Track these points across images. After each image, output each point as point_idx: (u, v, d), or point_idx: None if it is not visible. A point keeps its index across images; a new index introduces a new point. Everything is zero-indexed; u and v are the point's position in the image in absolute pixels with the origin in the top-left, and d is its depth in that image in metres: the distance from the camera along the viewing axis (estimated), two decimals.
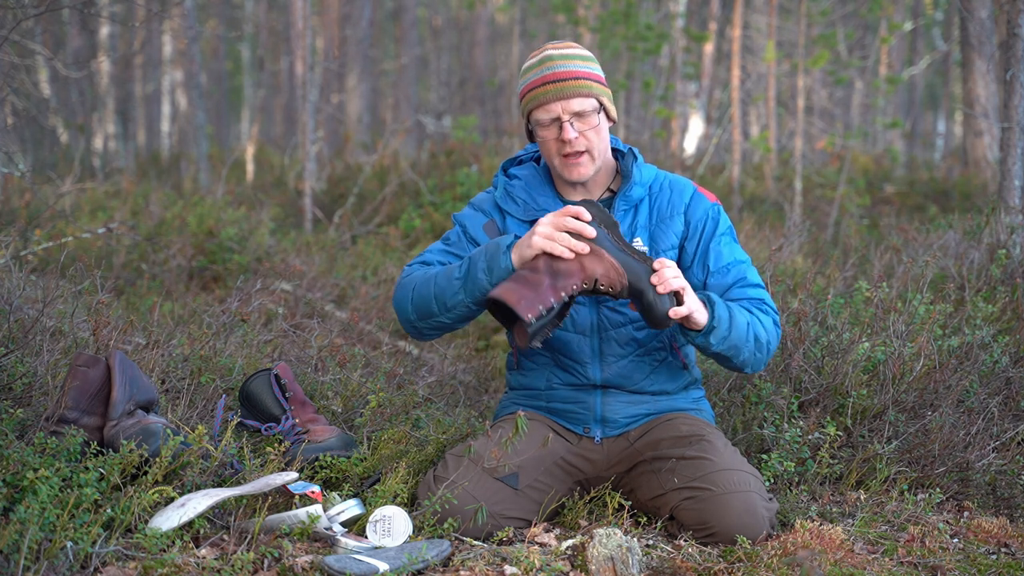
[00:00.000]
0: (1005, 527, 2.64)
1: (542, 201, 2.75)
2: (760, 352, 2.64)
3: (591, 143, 2.66)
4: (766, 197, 9.23)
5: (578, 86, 2.64)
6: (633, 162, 2.75)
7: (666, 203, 2.75)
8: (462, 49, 20.28)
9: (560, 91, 2.63)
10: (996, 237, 4.32)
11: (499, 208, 2.80)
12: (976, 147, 8.15)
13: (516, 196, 2.77)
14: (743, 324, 2.58)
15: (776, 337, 2.70)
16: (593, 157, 2.68)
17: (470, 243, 2.79)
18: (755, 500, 2.49)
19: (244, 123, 23.50)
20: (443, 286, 2.59)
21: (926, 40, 20.92)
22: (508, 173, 2.84)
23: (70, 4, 5.30)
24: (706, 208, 2.75)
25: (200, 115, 10.00)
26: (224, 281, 5.51)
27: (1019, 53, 4.43)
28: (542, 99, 2.64)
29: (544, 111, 2.65)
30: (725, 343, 2.56)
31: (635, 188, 2.73)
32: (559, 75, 2.64)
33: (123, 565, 2.13)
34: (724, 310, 2.55)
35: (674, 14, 12.74)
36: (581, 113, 2.64)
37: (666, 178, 2.79)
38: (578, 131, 2.64)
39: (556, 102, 2.63)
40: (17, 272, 3.73)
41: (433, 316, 2.64)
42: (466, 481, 2.56)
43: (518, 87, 2.76)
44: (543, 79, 2.65)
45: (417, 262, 2.78)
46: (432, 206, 7.13)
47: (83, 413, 2.57)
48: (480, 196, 2.86)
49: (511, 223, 2.77)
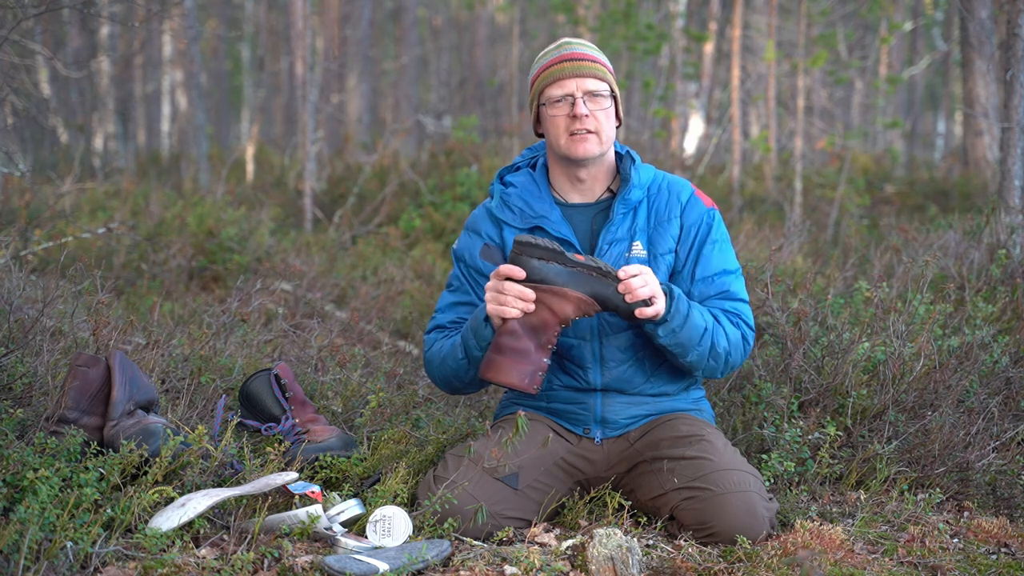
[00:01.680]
0: (1005, 527, 2.64)
1: (538, 207, 2.74)
2: (715, 361, 2.66)
3: (600, 125, 2.67)
4: (766, 197, 9.23)
5: (595, 67, 2.68)
6: (631, 164, 2.75)
7: (664, 205, 2.75)
8: (462, 49, 20.28)
9: (576, 68, 2.66)
10: (996, 237, 4.32)
11: (495, 220, 2.79)
12: (976, 147, 8.14)
13: (512, 204, 2.77)
14: (699, 327, 2.59)
15: (741, 353, 2.70)
16: (601, 140, 2.68)
17: (474, 278, 2.80)
18: (755, 500, 2.49)
19: (244, 123, 23.50)
20: (453, 368, 2.69)
21: (926, 40, 20.91)
22: (504, 181, 2.84)
23: (70, 4, 5.30)
24: (701, 213, 2.75)
25: (200, 115, 10.00)
26: (224, 281, 5.51)
27: (1019, 53, 4.43)
28: (558, 75, 2.67)
29: (558, 86, 2.67)
30: (673, 338, 2.57)
31: (633, 191, 2.72)
32: (577, 55, 2.69)
33: (123, 565, 2.13)
34: (683, 307, 2.57)
35: (674, 14, 12.74)
36: (594, 92, 2.66)
37: (664, 179, 2.79)
38: (589, 110, 2.65)
39: (572, 79, 2.65)
40: (17, 272, 3.73)
41: (462, 389, 2.76)
42: (466, 481, 2.56)
43: (532, 71, 2.77)
44: (560, 57, 2.69)
45: (433, 328, 2.82)
46: (432, 206, 7.13)
47: (83, 413, 2.57)
48: (474, 213, 2.86)
49: (508, 234, 2.76)
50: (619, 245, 2.69)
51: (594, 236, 2.73)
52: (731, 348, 2.66)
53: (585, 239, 2.73)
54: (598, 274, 2.51)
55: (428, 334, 2.82)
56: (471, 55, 18.27)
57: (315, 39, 13.58)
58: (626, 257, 2.68)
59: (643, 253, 2.70)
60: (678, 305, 2.55)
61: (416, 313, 5.04)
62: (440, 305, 2.83)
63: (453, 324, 2.79)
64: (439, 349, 2.74)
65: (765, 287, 3.44)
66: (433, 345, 2.78)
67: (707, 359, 2.64)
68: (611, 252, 2.69)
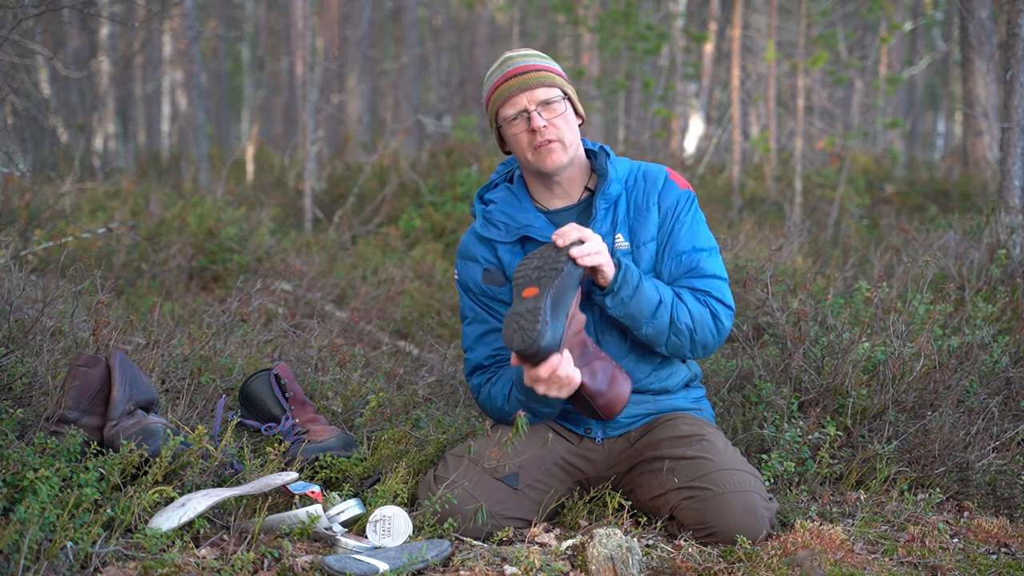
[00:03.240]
0: (1005, 527, 2.64)
1: (521, 217, 2.74)
2: (678, 337, 2.63)
3: (560, 131, 2.66)
4: (766, 197, 9.23)
5: (540, 76, 2.67)
6: (607, 159, 2.75)
7: (642, 195, 2.74)
8: (462, 49, 20.28)
9: (523, 83, 2.66)
10: (996, 237, 4.32)
11: (484, 241, 2.78)
12: (976, 147, 8.14)
13: (496, 220, 2.76)
14: (652, 300, 2.59)
15: (712, 331, 2.67)
16: (565, 145, 2.67)
17: (486, 303, 2.78)
18: (755, 500, 2.49)
19: (244, 123, 23.51)
20: (513, 411, 2.62)
21: (926, 40, 20.92)
22: (484, 200, 2.84)
23: (70, 4, 5.30)
24: (676, 195, 2.75)
25: (200, 115, 10.00)
26: (224, 281, 5.52)
27: (1019, 53, 4.43)
28: (507, 94, 2.67)
29: (510, 105, 2.66)
30: (623, 308, 2.57)
31: (612, 185, 2.72)
32: (520, 69, 2.68)
33: (123, 565, 2.13)
34: (632, 278, 2.56)
35: (674, 14, 12.74)
36: (547, 102, 2.65)
37: (639, 168, 2.78)
38: (546, 120, 2.65)
39: (520, 94, 2.65)
40: (17, 272, 3.73)
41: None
42: (466, 481, 2.56)
43: (483, 95, 2.78)
44: (505, 76, 2.69)
45: (474, 371, 2.79)
46: (432, 206, 7.13)
47: (83, 413, 2.57)
48: (463, 241, 2.83)
49: (502, 250, 2.75)
50: (605, 240, 2.69)
51: None
52: (695, 325, 2.63)
53: None
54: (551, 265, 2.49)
55: (470, 377, 2.80)
56: (471, 55, 18.27)
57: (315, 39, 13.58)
58: (611, 251, 2.68)
59: (625, 245, 2.70)
60: (626, 276, 2.55)
61: (416, 313, 5.04)
62: (467, 343, 2.80)
63: (491, 359, 2.76)
64: (496, 396, 2.71)
65: (765, 287, 3.43)
66: (480, 392, 2.76)
67: (667, 334, 2.62)
68: None
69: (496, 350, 2.76)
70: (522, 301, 2.43)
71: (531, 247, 2.71)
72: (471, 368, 2.79)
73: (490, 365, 2.76)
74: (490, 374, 2.75)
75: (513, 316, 2.42)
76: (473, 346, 2.79)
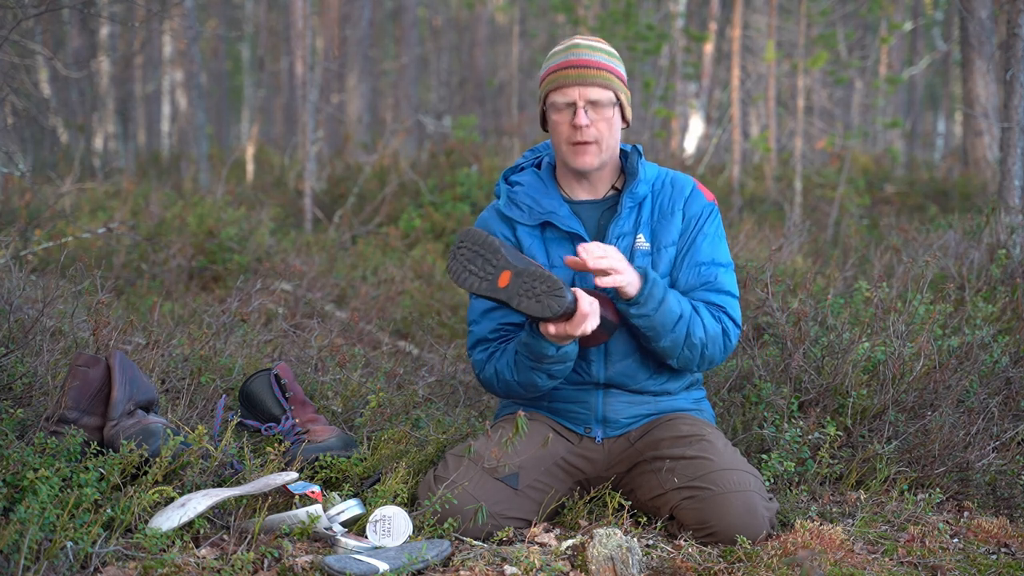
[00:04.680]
0: (1005, 527, 2.64)
1: (546, 203, 2.75)
2: (690, 351, 2.64)
3: (601, 135, 2.67)
4: (766, 197, 9.23)
5: (599, 75, 2.65)
6: (638, 159, 2.76)
7: (667, 200, 2.76)
8: (462, 49, 20.28)
9: (580, 76, 2.64)
10: (996, 237, 4.32)
11: (505, 219, 2.79)
12: (976, 147, 8.14)
13: (520, 202, 2.77)
14: (674, 313, 2.59)
15: (721, 348, 2.69)
16: (601, 149, 2.68)
17: None
18: (755, 500, 2.49)
19: (244, 123, 23.50)
20: (524, 381, 2.65)
21: (926, 40, 20.91)
22: (509, 181, 2.84)
23: (70, 4, 5.30)
24: (702, 205, 2.76)
25: (200, 115, 10.00)
26: (224, 281, 5.51)
27: (1019, 53, 4.43)
28: (561, 82, 2.65)
29: (561, 94, 2.66)
30: (645, 320, 2.57)
31: (640, 185, 2.74)
32: (583, 62, 2.66)
33: (123, 565, 2.13)
34: (659, 291, 2.57)
35: (674, 14, 12.73)
36: (597, 102, 2.65)
37: (668, 175, 2.80)
38: (591, 120, 2.64)
39: (575, 87, 2.64)
40: (17, 272, 3.73)
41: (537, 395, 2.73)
42: (466, 481, 2.56)
43: (541, 70, 2.77)
44: (567, 63, 2.67)
45: (476, 344, 2.78)
46: (432, 206, 7.13)
47: (83, 413, 2.57)
48: (483, 217, 2.84)
49: (521, 231, 2.76)
50: (625, 239, 2.71)
51: (601, 231, 2.74)
52: (708, 340, 2.65)
53: (592, 234, 2.75)
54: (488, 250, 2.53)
55: (472, 351, 2.79)
56: (471, 55, 18.27)
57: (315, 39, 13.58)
58: (631, 250, 2.69)
59: (646, 246, 2.71)
60: (652, 290, 2.55)
61: (416, 313, 5.04)
62: (472, 316, 2.80)
63: (495, 333, 2.76)
64: (503, 369, 2.70)
65: (765, 287, 3.43)
66: (484, 369, 2.75)
67: (681, 347, 2.63)
68: (618, 246, 2.70)
69: (501, 324, 2.75)
70: (512, 281, 2.47)
71: (552, 233, 2.72)
72: (475, 341, 2.78)
73: (495, 339, 2.76)
74: (493, 349, 2.75)
75: (523, 295, 2.45)
76: (479, 319, 2.78)
